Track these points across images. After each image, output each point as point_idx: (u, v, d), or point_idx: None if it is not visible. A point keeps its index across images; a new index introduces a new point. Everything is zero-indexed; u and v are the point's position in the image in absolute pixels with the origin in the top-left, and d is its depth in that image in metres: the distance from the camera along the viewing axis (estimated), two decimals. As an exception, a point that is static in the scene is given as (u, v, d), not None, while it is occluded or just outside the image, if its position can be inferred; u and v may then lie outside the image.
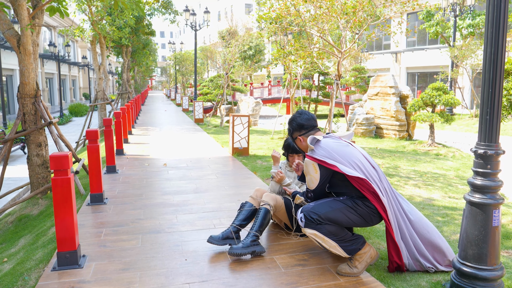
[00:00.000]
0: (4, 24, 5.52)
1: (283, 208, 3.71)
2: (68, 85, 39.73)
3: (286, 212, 3.74)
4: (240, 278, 3.05)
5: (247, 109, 19.88)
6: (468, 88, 25.29)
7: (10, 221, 5.69)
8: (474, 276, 2.73)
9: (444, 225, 4.79)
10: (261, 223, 3.47)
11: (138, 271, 3.15)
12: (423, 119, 11.55)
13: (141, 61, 23.75)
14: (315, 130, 3.28)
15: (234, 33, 31.55)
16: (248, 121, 8.60)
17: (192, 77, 40.85)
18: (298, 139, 3.28)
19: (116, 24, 14.05)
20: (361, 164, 3.05)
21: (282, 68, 32.84)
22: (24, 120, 5.82)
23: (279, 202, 3.67)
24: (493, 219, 2.70)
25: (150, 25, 20.64)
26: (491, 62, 2.63)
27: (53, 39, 33.95)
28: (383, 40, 32.47)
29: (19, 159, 13.83)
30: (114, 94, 49.36)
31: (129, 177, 6.49)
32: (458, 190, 7.15)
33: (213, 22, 52.58)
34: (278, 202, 3.67)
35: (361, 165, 3.04)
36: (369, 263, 3.12)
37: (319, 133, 3.26)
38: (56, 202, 3.07)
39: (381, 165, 8.82)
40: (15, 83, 25.41)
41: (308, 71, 14.50)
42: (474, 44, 19.73)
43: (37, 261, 3.50)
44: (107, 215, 4.57)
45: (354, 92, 28.62)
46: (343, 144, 3.14)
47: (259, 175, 6.65)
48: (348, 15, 7.67)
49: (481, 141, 2.72)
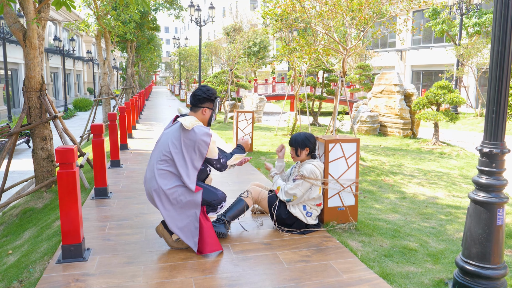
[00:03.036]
0: (10, 17, 5.53)
1: (265, 202, 3.90)
2: (72, 79, 39.83)
3: (267, 206, 3.91)
4: (243, 273, 3.06)
5: (251, 105, 19.87)
6: (473, 87, 25.15)
7: (15, 214, 5.73)
8: (477, 275, 2.73)
9: (447, 223, 4.78)
10: (231, 208, 3.80)
11: (142, 265, 3.17)
12: (427, 117, 11.51)
13: (146, 56, 23.75)
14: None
15: (239, 29, 31.49)
16: (252, 117, 8.59)
17: (196, 73, 40.87)
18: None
19: (121, 19, 14.06)
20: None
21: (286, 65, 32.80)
22: (29, 114, 5.84)
23: (262, 196, 3.90)
24: (497, 218, 2.70)
25: (155, 20, 20.63)
26: (498, 60, 2.62)
27: (58, 33, 34.01)
28: (388, 38, 32.32)
29: (24, 153, 13.89)
30: (118, 89, 49.44)
31: (133, 172, 6.51)
32: (462, 189, 7.13)
33: (218, 18, 52.50)
34: (261, 195, 3.90)
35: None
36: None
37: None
38: (61, 195, 3.09)
39: (384, 163, 8.81)
40: (20, 77, 25.49)
41: (313, 68, 14.47)
42: (480, 42, 19.60)
43: (41, 253, 3.53)
44: (111, 209, 4.59)
45: (358, 89, 28.53)
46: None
47: (263, 171, 6.66)
48: (354, 12, 7.64)
49: (486, 139, 2.71)
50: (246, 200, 3.83)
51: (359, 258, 3.34)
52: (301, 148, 3.80)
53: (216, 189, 3.46)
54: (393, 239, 3.90)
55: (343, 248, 3.54)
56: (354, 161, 4.03)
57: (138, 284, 2.89)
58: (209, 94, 3.43)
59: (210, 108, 3.47)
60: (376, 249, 3.59)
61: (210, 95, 3.43)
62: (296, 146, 3.83)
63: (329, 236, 3.79)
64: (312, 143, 3.82)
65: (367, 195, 5.98)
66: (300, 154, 3.81)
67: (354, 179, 4.04)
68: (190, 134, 3.24)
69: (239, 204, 3.80)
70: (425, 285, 2.93)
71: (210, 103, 3.46)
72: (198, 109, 3.44)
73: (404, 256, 3.48)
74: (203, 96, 3.41)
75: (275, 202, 3.85)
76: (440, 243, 3.98)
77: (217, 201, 3.39)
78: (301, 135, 3.85)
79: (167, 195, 3.23)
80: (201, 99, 3.42)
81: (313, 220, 3.85)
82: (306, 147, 3.80)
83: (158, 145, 3.41)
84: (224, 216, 3.73)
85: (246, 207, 3.80)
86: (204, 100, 3.43)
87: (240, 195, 3.91)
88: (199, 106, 3.43)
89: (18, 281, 3.06)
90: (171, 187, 3.23)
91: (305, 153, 3.81)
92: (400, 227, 4.37)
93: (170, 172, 3.25)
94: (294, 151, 3.85)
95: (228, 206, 3.86)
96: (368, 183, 6.85)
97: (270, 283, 2.91)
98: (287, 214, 3.83)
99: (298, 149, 3.82)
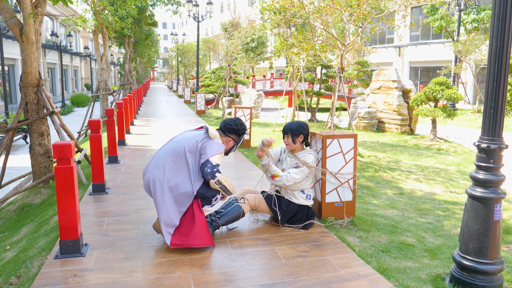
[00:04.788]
0: (7, 12, 5.50)
1: (264, 203, 3.88)
2: (70, 75, 39.68)
3: (267, 206, 3.89)
4: (241, 268, 3.07)
5: (249, 101, 19.84)
6: (471, 84, 25.18)
7: (12, 209, 5.72)
8: (474, 270, 2.74)
9: (444, 219, 4.80)
10: (226, 212, 3.73)
11: (140, 260, 3.17)
12: (425, 113, 11.52)
13: (143, 52, 23.64)
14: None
15: (236, 25, 31.38)
16: (250, 113, 8.59)
17: (194, 68, 40.74)
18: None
19: (118, 14, 13.97)
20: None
21: (284, 60, 32.72)
22: (26, 110, 5.82)
23: (258, 200, 3.87)
24: (495, 213, 2.71)
25: (153, 15, 20.52)
26: (496, 56, 2.62)
27: (55, 29, 33.83)
28: (387, 34, 32.29)
29: (21, 149, 13.85)
30: (116, 85, 49.27)
31: (131, 168, 6.51)
32: (459, 185, 7.16)
33: (216, 13, 52.30)
34: (257, 200, 3.87)
35: None
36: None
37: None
38: (59, 190, 3.09)
39: (382, 159, 8.83)
40: (17, 72, 25.38)
41: (311, 64, 14.44)
42: (478, 39, 19.60)
43: (39, 249, 3.53)
44: (109, 204, 4.59)
45: (356, 85, 28.52)
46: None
47: (260, 167, 6.66)
48: (352, 8, 7.62)
49: (484, 135, 2.71)
50: (243, 206, 3.75)
51: (356, 254, 3.35)
52: (296, 135, 3.87)
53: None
54: (391, 234, 3.91)
55: (341, 243, 3.55)
56: (352, 157, 4.03)
57: (136, 279, 2.89)
58: (239, 129, 3.63)
59: (235, 141, 3.66)
60: (373, 244, 3.60)
61: (239, 130, 3.63)
62: (291, 134, 3.87)
63: (327, 232, 3.80)
64: (306, 130, 3.93)
65: (364, 191, 5.99)
66: (296, 141, 3.89)
67: (352, 174, 4.05)
68: (209, 142, 3.37)
69: (235, 210, 3.71)
70: (422, 280, 2.95)
71: (237, 136, 3.66)
72: (225, 137, 3.62)
73: (402, 252, 3.49)
74: (233, 128, 3.62)
75: (272, 199, 3.86)
76: (438, 238, 4.00)
77: (211, 194, 3.40)
78: (295, 123, 3.93)
79: (165, 187, 3.27)
80: (231, 130, 3.62)
81: (312, 200, 3.95)
82: (301, 134, 3.88)
83: (173, 141, 3.49)
84: (218, 218, 3.66)
85: (242, 214, 3.73)
86: (233, 132, 3.62)
87: (234, 200, 3.86)
88: (227, 134, 3.62)
89: (16, 276, 3.06)
90: (173, 184, 3.27)
91: (299, 140, 3.90)
92: (397, 222, 4.38)
93: (178, 171, 3.31)
94: (291, 139, 3.88)
95: (222, 209, 3.77)
96: (365, 179, 6.86)
97: (268, 278, 2.92)
98: (288, 205, 3.85)
99: (294, 137, 3.87)
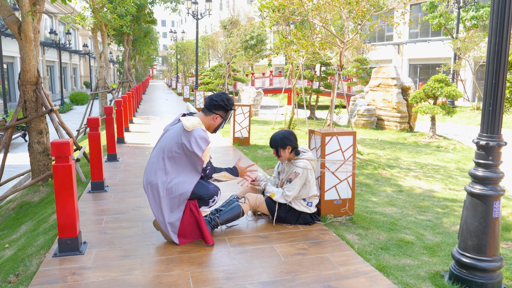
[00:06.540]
0: (5, 10, 5.48)
1: (264, 205, 3.85)
2: (69, 73, 39.61)
3: (267, 209, 3.86)
4: (240, 266, 3.07)
5: (248, 99, 19.82)
6: (470, 81, 25.17)
7: (11, 207, 5.71)
8: (473, 267, 2.74)
9: (444, 216, 4.80)
10: (226, 211, 3.69)
11: (139, 258, 3.17)
12: (424, 111, 11.52)
13: (142, 50, 23.61)
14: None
15: (236, 23, 31.34)
16: (249, 110, 8.58)
17: (193, 66, 40.66)
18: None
19: (117, 11, 13.92)
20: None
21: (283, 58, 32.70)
22: (25, 107, 5.81)
23: (259, 201, 3.82)
24: (494, 210, 2.71)
25: (152, 13, 20.48)
26: (495, 53, 2.61)
27: (54, 26, 33.75)
28: (386, 31, 32.27)
29: (20, 147, 13.84)
30: (115, 82, 49.20)
31: (130, 165, 6.50)
32: (458, 182, 7.16)
33: (215, 11, 52.24)
34: (258, 200, 3.82)
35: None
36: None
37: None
38: (57, 188, 3.08)
39: (381, 156, 8.83)
40: (16, 70, 25.34)
41: (310, 61, 14.43)
42: (477, 36, 19.59)
43: (38, 247, 3.52)
44: (108, 202, 4.59)
45: (355, 83, 28.51)
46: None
47: (260, 165, 6.66)
48: (351, 5, 7.61)
49: (483, 132, 2.71)
50: (243, 206, 3.72)
51: (355, 251, 3.35)
52: (282, 147, 3.75)
53: (208, 183, 3.42)
54: (390, 232, 3.91)
55: (340, 241, 3.55)
56: (351, 154, 4.03)
57: (135, 277, 2.89)
58: (227, 104, 3.42)
59: (222, 117, 3.46)
60: (372, 242, 3.60)
61: (226, 105, 3.42)
62: (276, 147, 3.79)
63: (326, 229, 3.80)
64: (292, 141, 3.75)
65: (364, 188, 5.99)
66: (282, 154, 3.76)
67: (351, 171, 4.04)
68: (188, 135, 3.24)
69: (235, 209, 3.68)
70: (421, 278, 2.95)
71: (224, 112, 3.44)
72: (210, 114, 3.43)
73: (401, 249, 3.49)
74: (220, 103, 3.40)
75: (274, 203, 3.83)
76: (437, 236, 4.00)
77: (208, 195, 3.35)
78: (279, 134, 3.78)
79: (161, 189, 3.27)
80: (217, 106, 3.40)
81: (314, 208, 3.89)
82: (287, 146, 3.73)
83: (161, 141, 3.42)
84: (218, 217, 3.64)
85: (242, 214, 3.70)
86: (220, 107, 3.41)
87: (235, 198, 3.83)
88: (213, 111, 3.42)
89: (14, 274, 3.06)
90: (168, 183, 3.27)
91: (288, 151, 3.76)
92: (396, 220, 4.39)
93: (171, 169, 3.29)
94: (276, 152, 3.81)
95: (223, 207, 3.75)
96: (365, 176, 6.86)
97: (267, 276, 2.92)
98: (289, 211, 3.83)
99: (280, 150, 3.76)
